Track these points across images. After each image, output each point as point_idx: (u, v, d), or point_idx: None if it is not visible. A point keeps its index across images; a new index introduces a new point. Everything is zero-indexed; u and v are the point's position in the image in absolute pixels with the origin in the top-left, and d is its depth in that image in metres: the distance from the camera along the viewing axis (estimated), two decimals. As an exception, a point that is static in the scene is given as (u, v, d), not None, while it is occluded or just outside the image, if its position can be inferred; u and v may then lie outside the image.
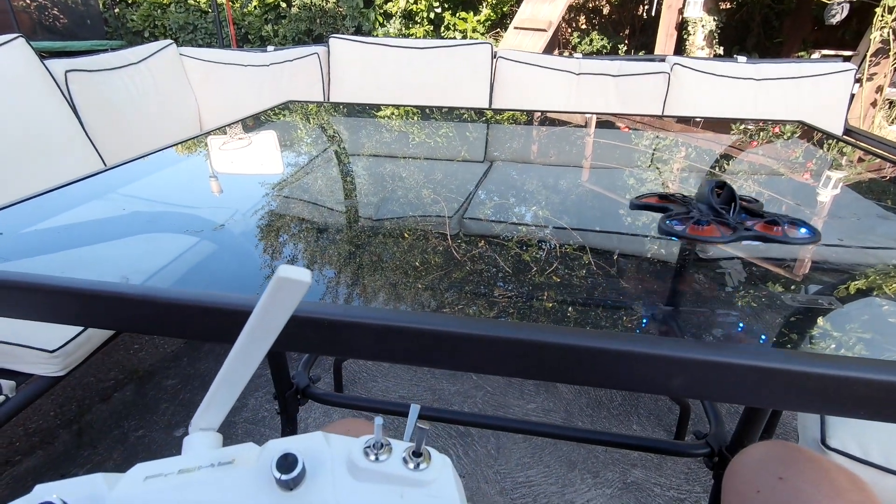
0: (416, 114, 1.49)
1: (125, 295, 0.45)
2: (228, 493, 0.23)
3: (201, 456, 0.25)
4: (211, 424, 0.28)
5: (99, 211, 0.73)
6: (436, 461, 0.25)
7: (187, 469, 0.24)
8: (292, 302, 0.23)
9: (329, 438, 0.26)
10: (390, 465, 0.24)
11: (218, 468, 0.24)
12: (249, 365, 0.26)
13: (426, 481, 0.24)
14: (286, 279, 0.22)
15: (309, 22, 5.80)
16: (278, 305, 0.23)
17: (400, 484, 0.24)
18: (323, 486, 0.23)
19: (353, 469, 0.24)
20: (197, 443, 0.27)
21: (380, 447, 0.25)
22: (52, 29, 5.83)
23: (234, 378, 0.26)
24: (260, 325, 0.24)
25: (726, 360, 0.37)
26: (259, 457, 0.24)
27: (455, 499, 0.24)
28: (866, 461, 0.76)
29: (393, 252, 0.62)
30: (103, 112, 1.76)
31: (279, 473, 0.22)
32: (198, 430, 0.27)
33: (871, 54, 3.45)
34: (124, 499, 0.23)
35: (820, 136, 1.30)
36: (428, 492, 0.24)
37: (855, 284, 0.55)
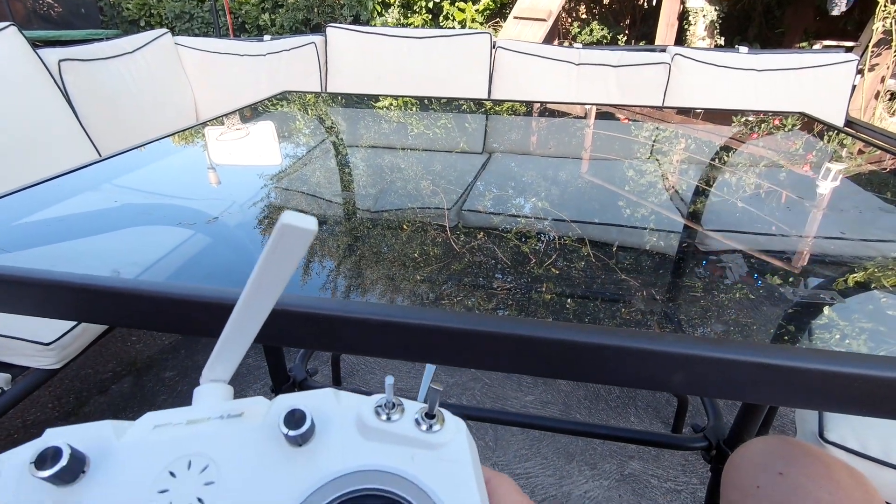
0: (415, 104, 1.47)
1: (117, 289, 0.44)
2: (236, 445, 0.23)
3: (211, 407, 0.25)
4: (221, 377, 0.27)
5: (93, 202, 0.72)
6: (449, 423, 0.24)
7: (196, 420, 0.24)
8: (298, 251, 0.22)
9: (339, 396, 0.25)
10: (402, 425, 0.23)
11: (227, 420, 0.24)
12: (257, 317, 0.25)
13: (439, 443, 0.23)
14: (290, 227, 0.21)
15: (306, 11, 5.74)
16: (283, 254, 0.22)
17: (411, 445, 0.23)
18: (331, 443, 0.23)
19: (362, 428, 0.23)
20: (207, 394, 0.27)
21: (391, 406, 0.24)
22: (46, 18, 5.76)
23: (242, 330, 0.26)
24: (265, 276, 0.23)
25: (727, 356, 0.37)
26: (268, 411, 0.24)
27: (468, 462, 0.23)
28: (864, 455, 0.76)
29: (392, 244, 0.61)
30: (98, 102, 1.74)
31: (287, 429, 0.22)
32: (208, 382, 0.27)
33: (872, 45, 3.43)
34: (133, 447, 0.22)
35: (821, 127, 1.29)
36: (440, 454, 0.23)
37: (857, 278, 0.54)
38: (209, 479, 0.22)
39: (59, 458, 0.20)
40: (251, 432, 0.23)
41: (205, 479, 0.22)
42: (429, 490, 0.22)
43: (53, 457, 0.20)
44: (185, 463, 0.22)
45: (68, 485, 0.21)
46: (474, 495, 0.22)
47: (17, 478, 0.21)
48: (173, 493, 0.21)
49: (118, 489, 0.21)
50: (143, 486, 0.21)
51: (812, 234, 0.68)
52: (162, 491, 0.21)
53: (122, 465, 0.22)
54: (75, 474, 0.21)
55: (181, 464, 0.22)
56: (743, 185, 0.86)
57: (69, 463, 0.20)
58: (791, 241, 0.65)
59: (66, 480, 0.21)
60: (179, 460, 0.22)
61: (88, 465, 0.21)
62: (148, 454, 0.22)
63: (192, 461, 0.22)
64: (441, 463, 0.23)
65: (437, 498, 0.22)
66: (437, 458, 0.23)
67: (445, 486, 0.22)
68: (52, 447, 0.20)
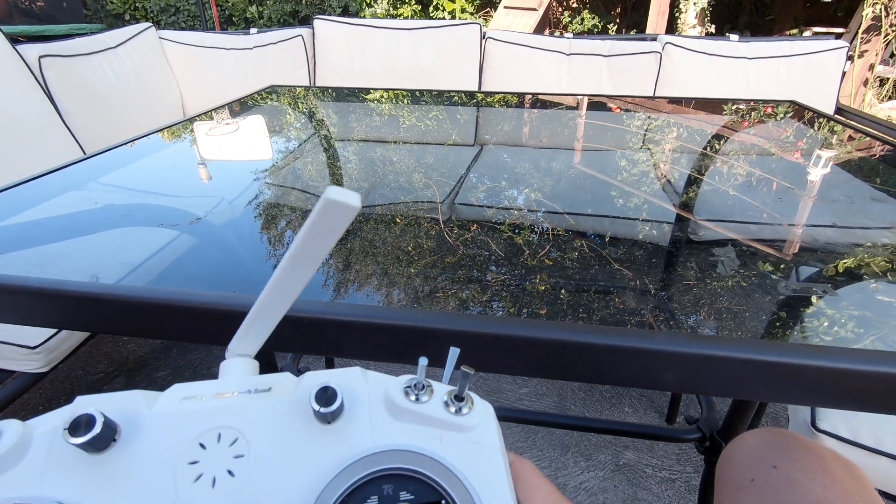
0: (406, 97, 1.46)
1: (96, 295, 0.43)
2: (264, 420, 0.23)
3: (238, 381, 0.25)
4: (248, 351, 0.27)
5: (75, 203, 0.71)
6: (478, 407, 0.24)
7: (224, 393, 0.24)
8: (339, 227, 0.22)
9: (367, 375, 0.25)
10: (431, 406, 0.23)
11: (255, 395, 0.24)
12: (290, 292, 0.25)
13: (468, 426, 0.23)
14: (334, 202, 0.21)
15: (294, 2, 5.67)
16: (324, 230, 0.22)
17: (440, 427, 0.23)
18: (360, 422, 0.23)
19: (391, 408, 0.23)
20: (234, 368, 0.26)
21: (421, 388, 0.24)
22: (28, 12, 5.65)
23: (274, 305, 0.25)
24: (304, 251, 0.23)
25: (719, 353, 0.36)
26: (296, 387, 0.24)
27: (496, 446, 0.23)
28: (856, 443, 0.77)
29: (385, 238, 0.60)
30: (81, 99, 1.71)
31: (318, 406, 0.22)
32: (235, 356, 0.27)
33: (862, 31, 3.43)
34: (163, 417, 0.22)
35: (811, 115, 1.28)
36: (469, 437, 0.23)
37: (849, 268, 0.54)
38: (239, 453, 0.22)
39: (93, 426, 0.20)
40: (280, 408, 0.23)
41: (234, 452, 0.22)
42: (458, 472, 0.22)
43: (87, 424, 0.20)
44: (215, 435, 0.22)
45: (100, 452, 0.21)
46: (502, 479, 0.22)
47: (49, 443, 0.21)
48: (204, 464, 0.21)
49: (149, 458, 0.21)
50: (173, 457, 0.21)
51: (803, 223, 0.67)
52: (192, 462, 0.21)
53: (153, 435, 0.22)
54: (107, 442, 0.21)
55: (211, 436, 0.22)
56: (734, 174, 0.86)
57: (102, 431, 0.20)
58: (782, 229, 0.65)
59: (98, 448, 0.21)
60: (209, 432, 0.22)
61: (119, 433, 0.21)
62: (178, 425, 0.22)
63: (222, 434, 0.22)
64: (470, 445, 0.23)
65: (465, 480, 0.22)
66: (466, 440, 0.23)
67: (474, 469, 0.22)
68: (86, 414, 0.20)
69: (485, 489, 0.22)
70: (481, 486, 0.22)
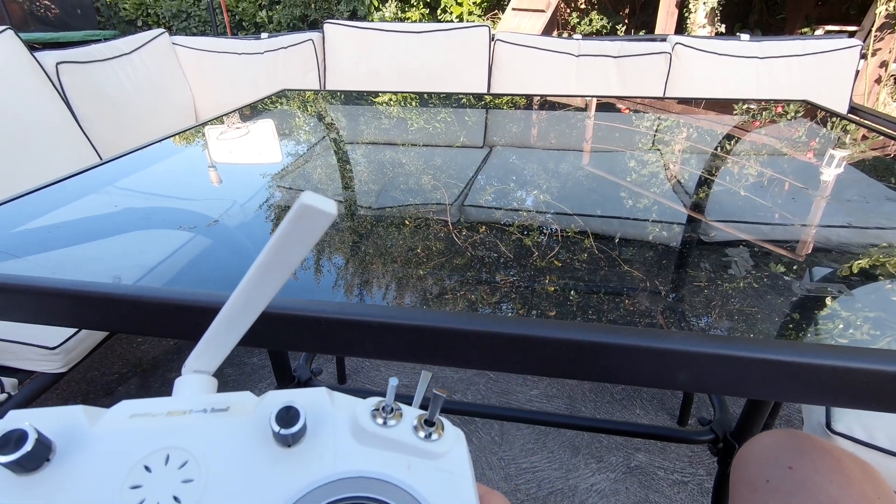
0: (414, 100, 1.46)
1: (117, 295, 0.44)
2: (219, 441, 0.21)
3: (193, 399, 0.23)
4: (206, 368, 0.25)
5: (94, 207, 0.72)
6: (449, 433, 0.23)
7: (177, 412, 0.22)
8: (313, 235, 0.21)
9: (333, 396, 0.24)
10: (399, 431, 0.22)
11: (210, 414, 0.22)
12: (256, 305, 0.23)
13: (437, 453, 0.22)
14: (309, 207, 0.20)
15: (304, 7, 5.71)
16: (297, 238, 0.21)
17: (408, 453, 0.22)
18: (323, 446, 0.21)
19: (357, 432, 0.22)
20: (189, 385, 0.25)
21: (389, 411, 0.22)
22: (43, 20, 5.75)
23: (238, 318, 0.24)
24: (274, 260, 0.21)
25: (732, 353, 0.36)
26: (257, 407, 0.22)
27: (466, 475, 0.22)
28: (872, 445, 0.76)
29: (395, 240, 0.60)
30: (97, 104, 1.74)
31: (279, 427, 0.20)
32: (191, 372, 0.25)
33: (875, 29, 3.39)
34: (105, 436, 0.21)
35: (824, 114, 1.27)
36: (438, 465, 0.22)
37: (864, 268, 0.53)
38: (188, 477, 0.20)
39: (24, 443, 0.18)
40: (237, 428, 0.21)
41: (183, 476, 0.20)
42: (424, 501, 0.21)
43: (18, 441, 0.18)
44: (162, 457, 0.20)
45: (29, 473, 0.19)
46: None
47: None
48: (147, 489, 0.19)
49: (85, 482, 0.19)
50: (113, 480, 0.19)
51: (817, 223, 0.67)
52: (134, 486, 0.19)
53: (92, 456, 0.20)
54: (39, 462, 0.19)
55: (158, 458, 0.20)
56: (746, 175, 0.85)
57: (34, 448, 0.18)
58: (796, 230, 0.64)
59: (28, 468, 0.19)
60: (156, 454, 0.20)
61: (54, 452, 0.20)
62: (122, 445, 0.20)
63: (171, 455, 0.20)
64: (439, 473, 0.22)
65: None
66: (435, 468, 0.22)
67: (442, 499, 0.21)
68: (18, 430, 0.18)
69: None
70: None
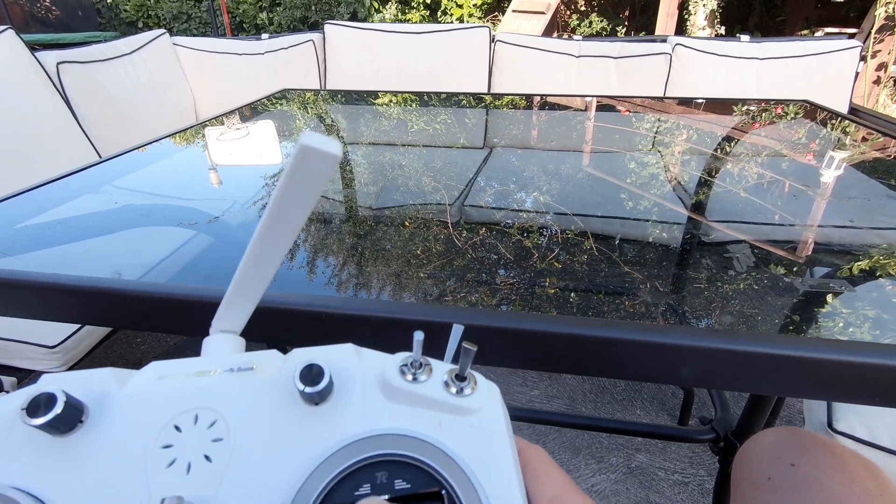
0: (415, 101, 1.47)
1: (119, 291, 0.44)
2: (247, 401, 0.21)
3: (220, 359, 0.23)
4: (231, 327, 0.25)
5: (94, 204, 0.72)
6: (482, 387, 0.22)
7: (204, 372, 0.22)
8: (319, 180, 0.20)
9: (360, 352, 0.23)
10: (429, 387, 0.21)
11: (237, 374, 0.22)
12: (272, 259, 0.23)
13: (470, 409, 0.21)
14: (311, 149, 0.19)
15: (304, 9, 5.72)
16: (302, 184, 0.20)
17: (439, 409, 0.21)
18: (351, 403, 0.21)
19: (386, 388, 0.21)
20: (216, 345, 0.25)
21: (419, 366, 0.22)
22: (44, 21, 5.76)
23: (255, 275, 0.23)
24: (282, 211, 0.21)
25: (735, 347, 0.36)
26: (282, 366, 0.22)
27: (502, 431, 0.21)
28: (874, 444, 0.76)
29: (395, 241, 0.60)
30: (97, 104, 1.74)
31: (303, 385, 0.20)
32: (218, 332, 0.25)
33: (875, 31, 3.39)
34: (135, 397, 0.21)
35: (825, 115, 1.27)
36: (471, 421, 0.21)
37: (867, 267, 0.53)
38: (217, 436, 0.20)
39: (53, 406, 0.18)
40: (264, 388, 0.21)
41: (213, 436, 0.20)
42: (458, 459, 0.20)
43: (47, 403, 0.18)
44: (191, 417, 0.20)
45: (64, 435, 0.19)
46: (509, 467, 0.20)
47: (8, 425, 0.19)
48: (178, 448, 0.20)
49: (118, 441, 0.20)
50: (145, 440, 0.20)
51: (819, 223, 0.67)
52: (166, 446, 0.20)
53: (124, 417, 0.20)
54: (72, 424, 0.19)
55: (187, 418, 0.20)
56: (747, 175, 0.85)
57: (64, 411, 0.18)
58: (798, 230, 0.64)
59: (62, 430, 0.19)
60: (185, 414, 0.20)
61: (87, 414, 0.20)
62: (152, 406, 0.20)
63: (200, 415, 0.20)
64: (472, 430, 0.21)
65: (467, 468, 0.20)
66: (468, 424, 0.21)
67: (477, 456, 0.20)
68: (46, 393, 0.18)
69: (489, 478, 0.20)
70: (485, 475, 0.20)
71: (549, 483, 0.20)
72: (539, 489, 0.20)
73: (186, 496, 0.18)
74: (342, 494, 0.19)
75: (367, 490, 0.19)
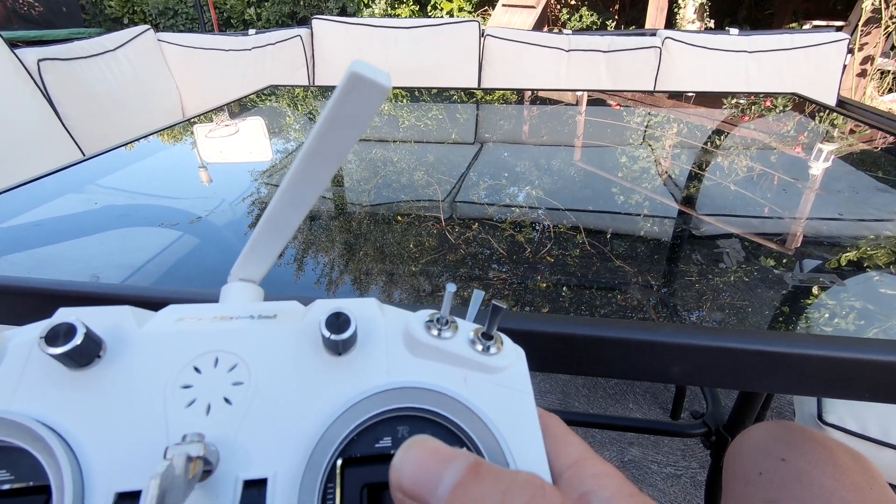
0: (405, 96, 1.45)
1: (96, 295, 0.42)
2: (268, 347, 0.20)
3: (240, 306, 0.22)
4: (252, 276, 0.25)
5: (76, 204, 0.70)
6: (508, 347, 0.21)
7: (224, 317, 0.21)
8: (366, 114, 0.19)
9: (384, 308, 0.22)
10: (455, 343, 0.21)
11: (258, 320, 0.21)
12: (303, 202, 0.22)
13: (496, 367, 0.20)
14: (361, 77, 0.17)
15: (292, 4, 5.67)
16: (348, 117, 0.19)
17: (464, 366, 0.20)
18: (375, 356, 0.20)
19: (410, 342, 0.21)
20: (235, 292, 0.24)
21: (444, 323, 0.21)
22: (27, 17, 5.66)
23: (285, 217, 0.22)
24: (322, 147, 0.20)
25: (726, 345, 0.36)
26: (305, 315, 0.21)
27: (529, 392, 0.20)
28: (864, 436, 0.76)
29: (387, 237, 0.60)
30: (81, 102, 1.71)
31: (329, 332, 0.19)
32: (237, 280, 0.24)
33: (861, 24, 3.42)
34: (154, 337, 0.20)
35: (813, 107, 1.28)
36: (497, 379, 0.20)
37: (856, 260, 0.53)
38: (238, 380, 0.19)
39: (73, 336, 0.18)
40: (286, 335, 0.21)
41: (233, 379, 0.19)
42: (483, 415, 0.19)
43: (67, 334, 0.18)
44: (211, 359, 0.20)
45: (82, 368, 0.19)
46: (534, 427, 0.19)
47: (26, 355, 0.19)
48: (198, 389, 0.19)
49: (137, 378, 0.19)
50: (164, 379, 0.19)
51: (808, 216, 0.67)
52: (185, 386, 0.19)
53: (143, 355, 0.20)
54: (90, 357, 0.19)
55: (207, 360, 0.20)
56: (736, 168, 0.85)
57: (83, 342, 0.18)
58: (787, 223, 0.64)
59: (80, 363, 0.18)
60: (205, 356, 0.20)
61: (105, 349, 0.19)
62: (171, 346, 0.20)
63: (220, 358, 0.20)
64: (498, 388, 0.20)
65: (492, 425, 0.19)
66: (494, 382, 0.20)
67: (502, 414, 0.19)
68: (66, 323, 0.18)
69: (514, 437, 0.19)
70: (510, 433, 0.19)
71: (569, 448, 0.20)
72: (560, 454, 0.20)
73: (206, 436, 0.18)
74: (362, 445, 0.19)
75: (388, 443, 0.19)
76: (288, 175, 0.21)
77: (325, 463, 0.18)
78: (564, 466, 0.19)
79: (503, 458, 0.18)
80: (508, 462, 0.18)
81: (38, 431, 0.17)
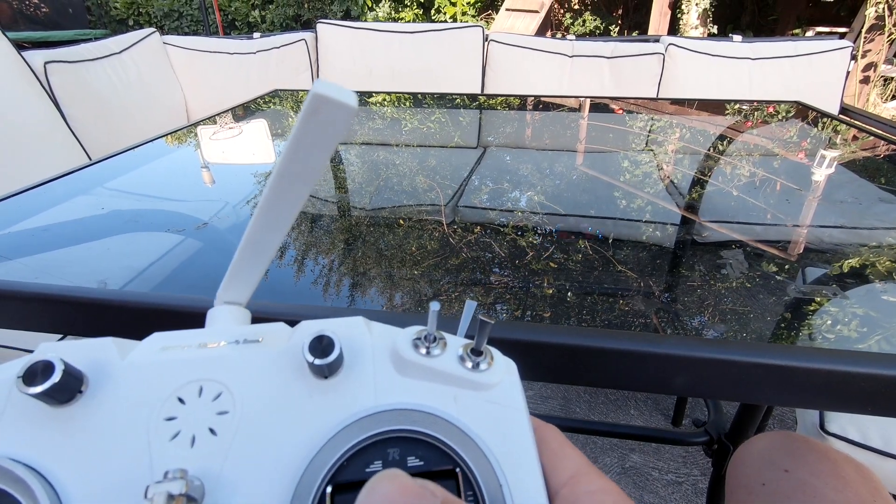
0: (408, 100, 1.46)
1: (103, 301, 0.43)
2: (253, 373, 0.20)
3: (225, 331, 0.22)
4: (237, 298, 0.24)
5: (81, 209, 0.71)
6: (499, 363, 0.21)
7: (208, 343, 0.21)
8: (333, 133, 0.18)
9: (371, 325, 0.22)
10: (443, 361, 0.20)
11: (242, 346, 0.21)
12: (280, 224, 0.22)
13: (486, 384, 0.20)
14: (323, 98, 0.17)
15: (297, 7, 5.70)
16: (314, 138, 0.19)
17: (454, 384, 0.20)
18: (362, 377, 0.20)
19: (398, 362, 0.20)
20: (221, 317, 0.24)
21: (432, 340, 0.21)
22: (33, 19, 5.70)
23: (263, 240, 0.22)
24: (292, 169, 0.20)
25: (729, 357, 0.36)
26: (290, 338, 0.21)
27: (521, 408, 0.20)
28: (866, 445, 0.76)
29: (389, 241, 0.60)
30: (86, 104, 1.72)
31: (312, 357, 0.19)
32: (223, 304, 0.24)
33: (865, 30, 3.42)
34: (138, 368, 0.20)
35: (816, 115, 1.28)
36: (488, 396, 0.20)
37: (857, 265, 0.53)
38: (223, 409, 0.19)
39: (51, 374, 0.18)
40: (270, 359, 0.20)
41: (218, 408, 0.19)
42: (474, 435, 0.19)
43: (44, 371, 0.18)
44: (195, 389, 0.20)
45: (63, 405, 0.19)
46: (527, 444, 0.19)
47: (6, 395, 0.19)
48: (182, 421, 0.19)
49: (119, 412, 0.19)
50: (147, 412, 0.19)
51: (810, 224, 0.67)
52: (169, 418, 0.19)
53: (125, 387, 0.19)
54: (71, 393, 0.18)
55: (191, 389, 0.19)
56: (739, 175, 0.85)
57: (62, 379, 0.18)
58: (790, 230, 0.64)
59: (60, 400, 0.18)
60: (189, 385, 0.20)
61: (87, 384, 0.19)
62: (154, 377, 0.20)
63: (204, 387, 0.20)
64: (489, 406, 0.20)
65: (483, 445, 0.19)
66: (485, 400, 0.20)
67: (494, 433, 0.19)
68: (43, 361, 0.18)
69: (507, 455, 0.19)
70: (502, 452, 0.19)
71: (566, 462, 0.19)
72: (556, 468, 0.19)
73: (191, 470, 0.17)
74: (352, 471, 0.18)
75: (379, 467, 0.18)
76: (262, 198, 0.21)
77: (314, 491, 0.18)
78: (561, 483, 0.19)
79: (496, 479, 0.18)
80: (501, 483, 0.18)
81: (17, 472, 0.17)
